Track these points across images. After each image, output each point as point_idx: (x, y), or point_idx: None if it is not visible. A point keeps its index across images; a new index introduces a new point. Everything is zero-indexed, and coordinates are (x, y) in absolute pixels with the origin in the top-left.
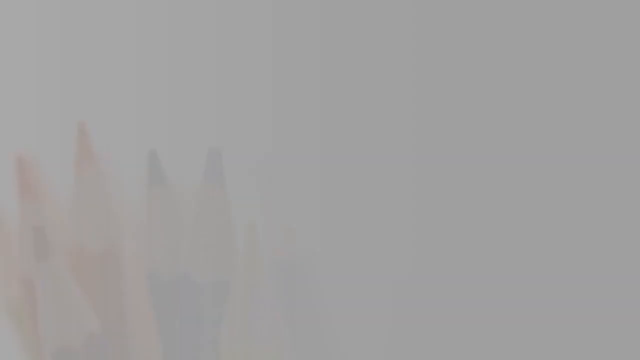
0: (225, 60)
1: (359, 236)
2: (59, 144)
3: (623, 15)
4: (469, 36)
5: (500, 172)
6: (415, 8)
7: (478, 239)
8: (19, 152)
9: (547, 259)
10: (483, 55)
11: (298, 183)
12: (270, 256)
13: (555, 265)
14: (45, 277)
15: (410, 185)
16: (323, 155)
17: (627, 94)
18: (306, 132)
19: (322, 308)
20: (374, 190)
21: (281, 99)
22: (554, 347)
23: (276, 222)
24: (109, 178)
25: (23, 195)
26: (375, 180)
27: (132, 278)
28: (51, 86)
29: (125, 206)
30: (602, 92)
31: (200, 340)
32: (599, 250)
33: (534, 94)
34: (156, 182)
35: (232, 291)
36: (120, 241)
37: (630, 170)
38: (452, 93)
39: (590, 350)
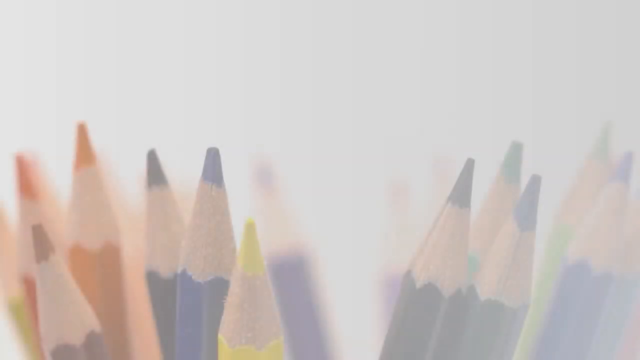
0: (224, 60)
1: (357, 234)
2: (58, 144)
3: None
4: None
5: None
6: None
7: None
8: (19, 151)
9: None
10: None
11: (296, 182)
12: (270, 255)
13: None
14: (45, 275)
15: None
16: (321, 154)
17: None
18: (304, 132)
19: (321, 307)
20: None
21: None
22: None
23: (276, 221)
24: (108, 177)
25: (22, 194)
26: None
27: (131, 276)
28: (51, 85)
29: (125, 206)
30: None
31: (199, 339)
32: None
33: None
34: (156, 182)
35: (231, 290)
36: (119, 240)
37: None
38: None
39: None
